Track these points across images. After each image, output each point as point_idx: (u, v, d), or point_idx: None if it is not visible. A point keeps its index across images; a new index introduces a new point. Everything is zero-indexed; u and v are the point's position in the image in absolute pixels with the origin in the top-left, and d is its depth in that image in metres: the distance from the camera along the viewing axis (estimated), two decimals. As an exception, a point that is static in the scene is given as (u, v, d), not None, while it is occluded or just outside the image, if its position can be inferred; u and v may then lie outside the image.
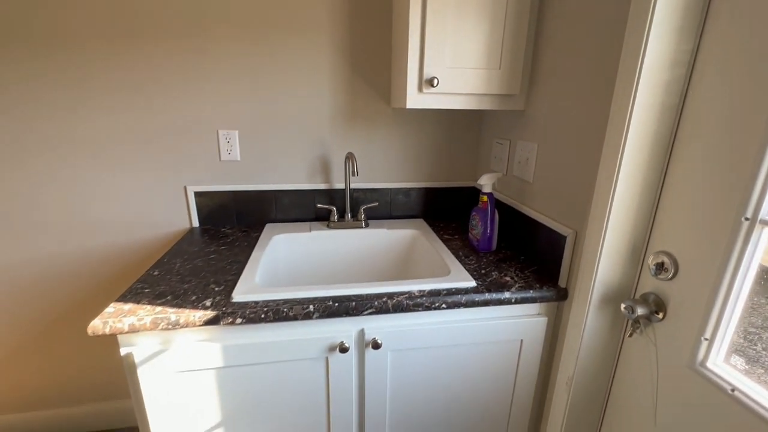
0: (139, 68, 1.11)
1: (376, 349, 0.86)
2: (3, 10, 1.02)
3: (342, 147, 1.29)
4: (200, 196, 1.25)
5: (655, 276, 0.74)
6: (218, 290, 0.85)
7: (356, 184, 1.33)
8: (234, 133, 1.21)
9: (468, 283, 0.89)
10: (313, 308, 0.80)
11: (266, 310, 0.78)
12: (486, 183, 1.07)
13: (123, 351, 0.78)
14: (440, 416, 0.98)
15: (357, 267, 1.24)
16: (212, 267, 0.97)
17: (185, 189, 1.24)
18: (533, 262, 1.03)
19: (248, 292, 0.82)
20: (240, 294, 0.82)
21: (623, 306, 0.75)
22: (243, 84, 1.18)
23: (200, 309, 0.77)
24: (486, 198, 1.06)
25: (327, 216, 1.35)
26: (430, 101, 1.01)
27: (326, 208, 1.32)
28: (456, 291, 0.86)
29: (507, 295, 0.87)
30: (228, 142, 1.22)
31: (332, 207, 1.28)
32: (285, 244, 1.19)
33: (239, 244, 1.12)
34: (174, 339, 0.80)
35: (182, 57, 1.12)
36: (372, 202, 1.35)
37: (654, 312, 0.74)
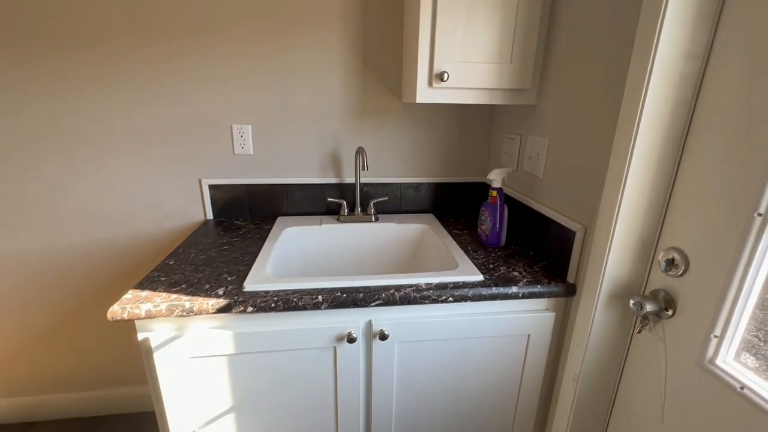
0: (157, 65, 1.14)
1: (384, 340, 0.87)
2: (34, 12, 1.06)
3: (352, 142, 1.30)
4: (214, 189, 1.28)
5: (665, 272, 0.73)
6: (230, 280, 0.88)
7: (366, 179, 1.34)
8: (247, 128, 1.24)
9: (475, 277, 0.89)
10: (322, 299, 0.82)
11: (276, 300, 0.80)
12: (496, 178, 1.07)
13: (140, 336, 0.81)
14: (447, 408, 0.99)
15: (366, 260, 1.26)
16: (225, 257, 1.00)
17: (200, 182, 1.27)
18: (542, 258, 1.02)
19: (259, 282, 0.85)
20: (251, 284, 0.84)
21: (632, 302, 0.75)
22: (256, 79, 1.20)
23: (213, 297, 0.80)
24: (495, 193, 1.06)
25: (337, 210, 1.36)
26: (441, 96, 1.01)
27: (336, 202, 1.34)
28: (463, 284, 0.87)
29: (514, 290, 0.87)
30: (241, 137, 1.24)
31: (342, 201, 1.30)
32: (296, 237, 1.21)
33: (251, 236, 1.15)
34: (188, 325, 0.83)
35: (198, 54, 1.15)
36: (382, 197, 1.36)
37: (663, 309, 0.73)
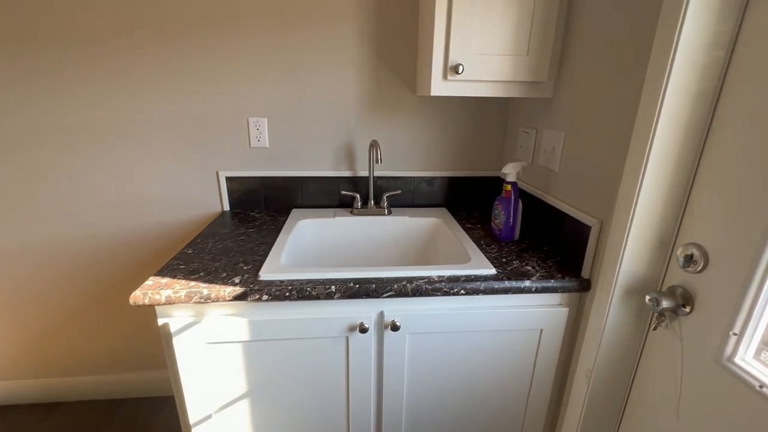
0: (176, 59, 1.17)
1: (395, 331, 0.88)
2: (61, 4, 1.10)
3: (367, 135, 1.31)
4: (231, 181, 1.31)
5: (684, 268, 0.71)
6: (246, 269, 0.90)
7: (380, 172, 1.35)
8: (263, 121, 1.26)
9: (488, 271, 0.89)
10: (335, 289, 0.83)
11: (290, 289, 0.82)
12: (510, 172, 1.06)
13: (160, 321, 0.84)
14: (457, 400, 0.99)
15: (379, 253, 1.27)
16: (241, 247, 1.02)
17: (217, 174, 1.30)
18: (556, 253, 1.02)
19: (274, 272, 0.86)
20: (266, 273, 0.86)
21: (648, 298, 0.74)
22: (272, 73, 1.21)
23: (230, 285, 0.82)
24: (510, 187, 1.05)
25: (351, 203, 1.37)
26: (455, 89, 1.00)
27: (350, 195, 1.35)
28: (475, 278, 0.87)
29: (527, 284, 0.87)
30: (257, 130, 1.26)
31: (356, 194, 1.31)
32: (310, 229, 1.22)
33: (267, 228, 1.17)
34: (205, 312, 0.85)
35: (216, 48, 1.17)
36: (395, 190, 1.36)
37: (681, 305, 0.72)
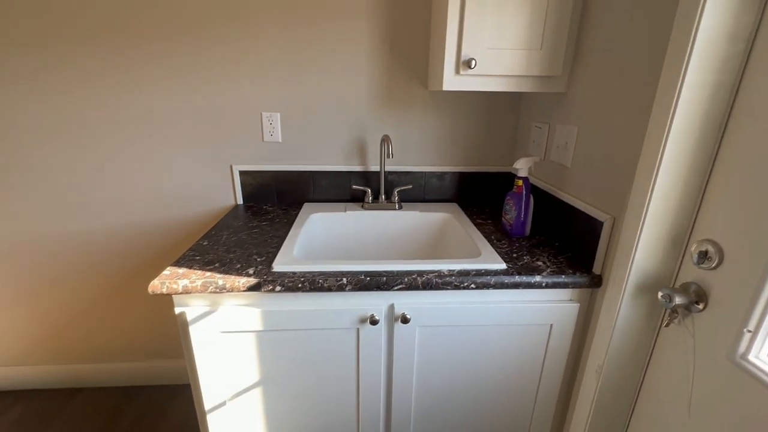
0: (193, 54, 1.19)
1: (405, 324, 0.89)
2: (82, 6, 1.13)
3: (378, 130, 1.32)
4: (244, 175, 1.33)
5: (698, 265, 0.71)
6: (260, 260, 0.92)
7: (391, 167, 1.35)
8: (276, 115, 1.27)
9: (498, 266, 0.90)
10: (346, 281, 0.84)
11: (303, 281, 0.83)
12: (522, 167, 1.05)
13: (177, 310, 0.86)
14: (466, 394, 1.00)
15: (389, 247, 1.28)
16: (255, 240, 1.04)
17: (231, 168, 1.32)
18: (567, 248, 1.01)
19: (287, 263, 0.88)
20: (279, 264, 0.88)
21: (660, 294, 0.73)
22: (285, 68, 1.23)
23: (244, 276, 0.84)
24: (521, 182, 1.05)
25: (362, 197, 1.38)
26: (467, 83, 1.00)
27: (361, 190, 1.36)
28: (486, 272, 0.87)
29: (538, 279, 0.87)
30: (270, 124, 1.28)
31: (367, 188, 1.32)
32: (321, 223, 1.24)
33: (279, 221, 1.19)
34: (220, 302, 0.87)
35: (231, 44, 1.19)
36: (406, 185, 1.37)
37: (694, 302, 0.71)
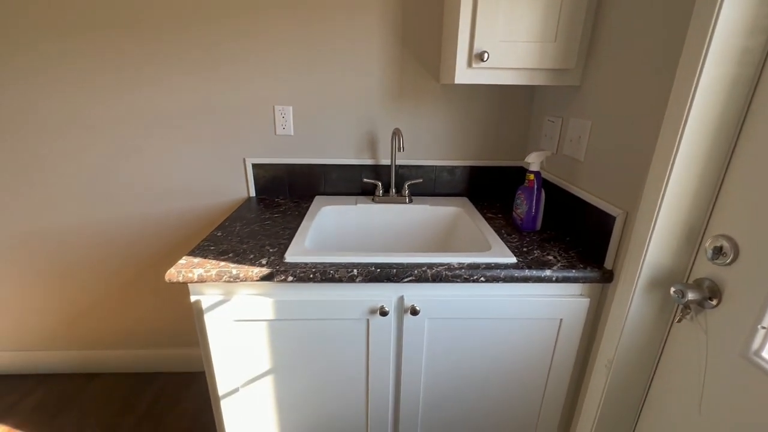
0: (207, 48, 1.21)
1: (415, 315, 0.90)
2: (98, 2, 1.15)
3: (389, 123, 1.32)
4: (257, 168, 1.35)
5: (712, 260, 0.70)
6: (272, 251, 0.93)
7: (401, 161, 1.36)
8: (288, 109, 1.28)
9: (508, 259, 0.90)
10: (357, 272, 0.85)
11: (314, 271, 0.85)
12: (534, 161, 1.05)
13: (192, 298, 0.89)
14: (474, 386, 1.01)
15: (399, 240, 1.28)
16: (267, 231, 1.06)
17: (244, 161, 1.34)
18: (579, 243, 1.01)
19: (299, 255, 0.90)
20: (291, 255, 0.89)
21: (673, 290, 0.72)
22: (297, 62, 1.23)
23: (257, 266, 0.86)
24: (533, 176, 1.04)
25: (372, 190, 1.39)
26: (480, 76, 1.00)
27: (372, 183, 1.37)
28: (495, 266, 0.88)
29: (548, 273, 0.87)
30: (283, 117, 1.29)
31: (378, 182, 1.32)
32: (332, 215, 1.25)
33: (291, 213, 1.21)
34: (234, 291, 0.89)
35: (244, 38, 1.20)
36: (416, 179, 1.37)
37: (707, 298, 0.71)
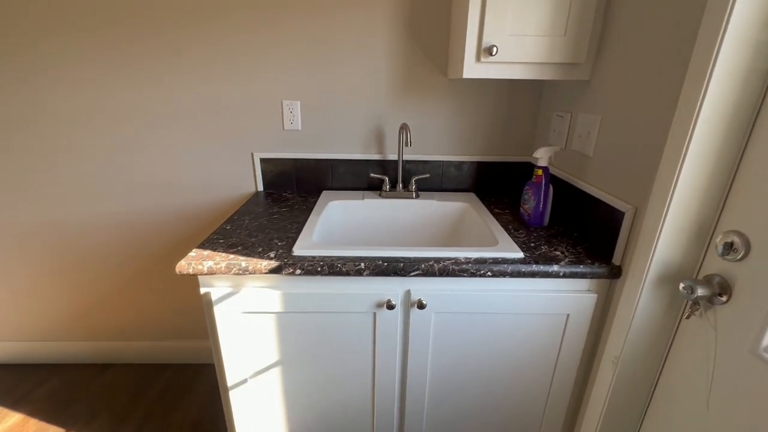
0: (217, 43, 1.21)
1: (421, 309, 0.91)
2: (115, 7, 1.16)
3: (396, 118, 1.32)
4: (265, 163, 1.36)
5: (722, 256, 0.69)
6: (281, 245, 0.94)
7: (408, 156, 1.36)
8: (296, 104, 1.29)
9: (515, 254, 0.90)
10: (364, 266, 0.86)
11: (322, 264, 0.86)
12: (542, 156, 1.04)
13: (202, 290, 0.90)
14: (479, 379, 1.01)
15: (406, 235, 1.29)
16: (275, 225, 1.07)
17: (252, 155, 1.35)
18: (587, 239, 1.00)
19: (307, 248, 0.90)
20: (299, 249, 0.90)
21: (682, 286, 0.72)
22: (305, 57, 1.24)
23: (265, 259, 0.87)
24: (541, 172, 1.04)
25: (379, 185, 1.40)
26: (488, 71, 0.99)
27: (379, 178, 1.37)
28: (502, 260, 0.88)
29: (555, 269, 0.87)
30: (291, 112, 1.30)
31: (384, 177, 1.33)
32: (339, 210, 1.26)
33: (298, 208, 1.22)
34: (243, 283, 0.91)
35: (253, 33, 1.20)
36: (423, 174, 1.37)
37: (717, 294, 0.70)
